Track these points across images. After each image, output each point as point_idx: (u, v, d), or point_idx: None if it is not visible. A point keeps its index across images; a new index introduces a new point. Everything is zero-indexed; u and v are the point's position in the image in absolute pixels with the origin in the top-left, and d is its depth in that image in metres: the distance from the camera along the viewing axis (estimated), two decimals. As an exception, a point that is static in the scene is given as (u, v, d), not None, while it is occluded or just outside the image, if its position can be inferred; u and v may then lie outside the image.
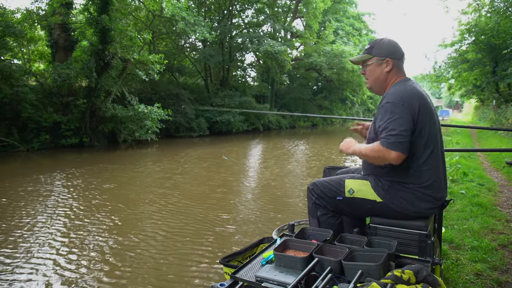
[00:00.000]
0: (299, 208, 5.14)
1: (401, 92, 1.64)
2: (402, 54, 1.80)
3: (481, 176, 5.85)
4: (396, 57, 1.77)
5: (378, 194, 1.71)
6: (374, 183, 1.74)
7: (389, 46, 1.77)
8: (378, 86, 1.82)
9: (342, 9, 33.05)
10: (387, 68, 1.76)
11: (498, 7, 14.30)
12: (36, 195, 6.00)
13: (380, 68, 1.77)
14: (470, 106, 33.74)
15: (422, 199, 1.65)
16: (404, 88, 1.67)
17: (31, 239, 4.00)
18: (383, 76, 1.78)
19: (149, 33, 14.68)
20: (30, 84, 12.90)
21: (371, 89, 1.86)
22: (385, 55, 1.76)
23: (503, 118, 14.25)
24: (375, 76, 1.79)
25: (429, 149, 1.65)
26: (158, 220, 4.76)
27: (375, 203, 1.72)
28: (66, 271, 3.26)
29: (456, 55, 19.48)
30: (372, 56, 1.78)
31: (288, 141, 16.55)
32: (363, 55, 1.81)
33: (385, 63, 1.75)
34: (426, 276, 1.21)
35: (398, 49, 1.78)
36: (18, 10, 13.48)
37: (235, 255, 1.89)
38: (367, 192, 1.74)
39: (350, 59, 1.90)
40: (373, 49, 1.78)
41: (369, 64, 1.79)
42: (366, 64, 1.80)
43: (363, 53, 1.83)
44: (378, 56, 1.77)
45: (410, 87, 1.68)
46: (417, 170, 1.64)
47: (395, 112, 1.58)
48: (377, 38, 1.83)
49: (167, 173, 8.36)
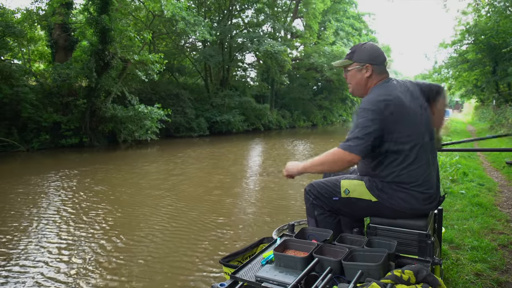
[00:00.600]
0: (299, 208, 5.14)
1: (372, 98, 1.68)
2: (383, 59, 1.80)
3: (481, 176, 5.85)
4: (376, 63, 1.77)
5: (373, 194, 1.73)
6: (368, 183, 1.76)
7: (370, 51, 1.78)
8: (359, 91, 1.84)
9: (342, 9, 33.06)
10: (367, 73, 1.77)
11: (497, 7, 14.31)
12: (35, 195, 6.00)
13: (360, 73, 1.79)
14: (470, 106, 33.72)
15: (416, 197, 1.67)
16: (377, 92, 1.70)
17: (28, 240, 4.00)
18: (364, 81, 1.80)
19: (149, 33, 14.69)
20: (30, 84, 12.91)
21: (353, 93, 1.89)
22: (365, 61, 1.77)
23: (503, 118, 14.24)
24: (356, 81, 1.81)
25: (415, 148, 1.67)
26: (157, 220, 4.75)
27: (370, 202, 1.74)
28: (65, 271, 3.26)
29: (456, 55, 19.47)
30: (352, 62, 1.80)
31: (288, 141, 16.54)
32: (344, 61, 1.83)
33: (365, 69, 1.77)
34: (426, 276, 1.21)
35: (379, 55, 1.79)
36: (18, 10, 13.49)
37: (235, 255, 1.89)
38: (362, 192, 1.76)
39: (333, 63, 1.93)
40: (354, 55, 1.79)
41: (350, 70, 1.81)
42: (347, 70, 1.83)
43: (344, 58, 1.84)
44: (358, 62, 1.78)
45: (384, 90, 1.70)
46: (407, 169, 1.67)
47: (360, 117, 1.63)
48: (359, 43, 1.84)
49: (166, 173, 8.36)
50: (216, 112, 19.87)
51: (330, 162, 1.68)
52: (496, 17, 14.01)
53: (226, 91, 21.44)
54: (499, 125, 14.16)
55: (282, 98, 28.07)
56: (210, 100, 20.69)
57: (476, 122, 22.23)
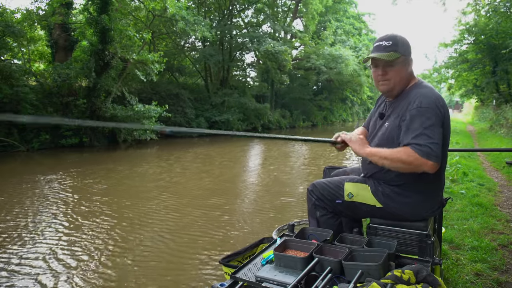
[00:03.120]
0: (299, 208, 5.14)
1: (432, 97, 1.53)
2: None
3: (481, 176, 5.85)
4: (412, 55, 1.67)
5: (378, 200, 1.68)
6: (374, 187, 1.70)
7: (408, 43, 1.65)
8: (401, 88, 1.66)
9: (342, 9, 33.08)
10: (409, 68, 1.65)
11: (497, 7, 14.30)
12: (35, 195, 6.00)
13: (405, 67, 1.63)
14: (470, 106, 33.72)
15: (424, 204, 1.63)
16: (433, 93, 1.56)
17: (28, 239, 4.00)
18: (408, 76, 1.65)
19: (149, 33, 14.69)
20: (30, 84, 12.90)
21: (390, 92, 1.68)
22: (410, 54, 1.64)
23: (502, 118, 14.23)
24: (402, 76, 1.63)
25: (444, 161, 1.61)
26: (157, 220, 4.75)
27: (374, 207, 1.70)
28: (64, 271, 3.26)
29: (456, 55, 19.48)
30: (399, 55, 1.59)
31: (288, 141, 16.53)
32: (390, 53, 1.59)
33: (410, 62, 1.65)
34: (426, 276, 1.21)
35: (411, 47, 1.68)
36: (18, 10, 13.49)
37: (235, 255, 1.89)
38: (367, 197, 1.71)
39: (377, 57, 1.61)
40: (398, 47, 1.59)
41: (395, 64, 1.61)
42: (391, 64, 1.61)
43: (384, 50, 1.60)
44: (404, 55, 1.61)
45: (436, 92, 1.59)
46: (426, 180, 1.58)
47: (431, 119, 1.47)
48: (391, 34, 1.64)
49: (165, 173, 8.35)
50: (216, 112, 19.88)
51: (400, 164, 1.48)
52: (497, 18, 14.00)
53: (226, 91, 21.45)
54: (499, 125, 14.15)
55: (282, 98, 28.07)
56: (210, 100, 20.70)
57: (476, 122, 22.23)
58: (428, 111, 1.48)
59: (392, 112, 1.67)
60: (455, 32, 18.47)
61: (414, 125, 1.48)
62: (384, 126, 1.69)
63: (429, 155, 1.41)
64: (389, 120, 1.66)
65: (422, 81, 1.68)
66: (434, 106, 1.50)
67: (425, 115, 1.48)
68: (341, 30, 31.09)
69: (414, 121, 1.49)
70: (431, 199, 1.65)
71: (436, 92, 1.58)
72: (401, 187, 1.63)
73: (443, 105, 1.54)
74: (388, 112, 1.70)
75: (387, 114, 1.71)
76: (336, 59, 24.08)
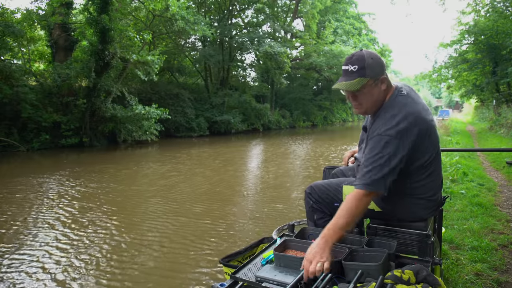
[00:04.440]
0: (299, 208, 5.14)
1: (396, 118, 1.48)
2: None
3: (481, 176, 5.84)
4: (385, 71, 1.58)
5: (377, 204, 1.67)
6: None
7: (378, 62, 1.54)
8: (375, 108, 1.60)
9: (342, 9, 33.10)
10: (383, 86, 1.56)
11: (497, 7, 14.30)
12: (35, 195, 6.00)
13: (377, 88, 1.54)
14: (470, 106, 33.74)
15: (422, 206, 1.63)
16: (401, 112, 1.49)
17: (27, 239, 4.00)
18: (381, 96, 1.57)
19: (149, 33, 14.70)
20: (30, 84, 12.92)
21: (365, 114, 1.65)
22: (380, 73, 1.54)
23: (502, 118, 14.23)
24: (374, 99, 1.56)
25: (435, 163, 1.60)
26: (157, 221, 4.75)
27: (373, 211, 1.70)
28: (65, 270, 3.25)
29: (456, 55, 19.48)
30: (367, 80, 1.51)
31: (288, 141, 16.54)
32: (358, 80, 1.50)
33: (380, 82, 1.54)
34: (426, 276, 1.21)
35: (383, 61, 1.58)
36: (18, 10, 13.50)
37: (235, 255, 1.88)
38: None
39: (342, 88, 1.56)
40: (365, 71, 1.50)
41: (364, 89, 1.53)
42: (359, 90, 1.53)
43: (350, 77, 1.52)
44: (374, 77, 1.52)
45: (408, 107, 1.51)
46: (421, 183, 1.59)
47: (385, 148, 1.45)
48: (358, 55, 1.54)
49: (165, 173, 8.36)
50: (216, 112, 19.89)
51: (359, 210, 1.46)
52: (496, 17, 14.00)
53: (226, 91, 21.46)
54: (499, 125, 14.15)
55: (282, 98, 28.09)
56: (210, 100, 20.72)
57: (476, 122, 22.23)
58: (385, 139, 1.46)
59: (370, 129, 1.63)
60: (455, 32, 18.49)
61: (369, 156, 1.48)
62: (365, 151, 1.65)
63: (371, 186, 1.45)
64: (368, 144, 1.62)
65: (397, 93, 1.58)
66: (395, 132, 1.45)
67: (381, 144, 1.46)
68: (341, 30, 31.11)
69: (371, 150, 1.49)
70: (430, 200, 1.64)
71: (403, 109, 1.50)
72: (399, 190, 1.61)
73: (413, 120, 1.47)
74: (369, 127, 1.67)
75: (368, 129, 1.67)
76: (336, 56, 24.07)
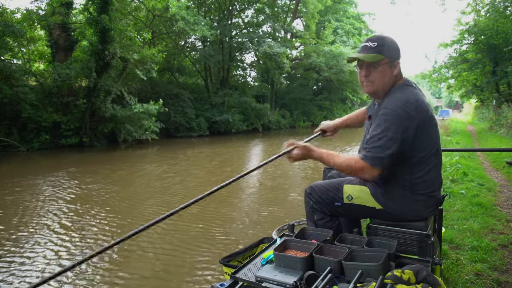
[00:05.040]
0: (299, 208, 5.14)
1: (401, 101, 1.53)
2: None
3: (481, 176, 5.84)
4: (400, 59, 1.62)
5: (378, 201, 1.68)
6: (373, 190, 1.69)
7: (396, 46, 1.61)
8: (383, 91, 1.63)
9: (342, 9, 33.10)
10: (395, 71, 1.60)
11: (497, 7, 14.29)
12: (35, 195, 6.00)
13: (390, 70, 1.59)
14: (470, 106, 33.73)
15: (424, 205, 1.64)
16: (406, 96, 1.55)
17: (27, 239, 4.00)
18: (392, 80, 1.62)
19: (148, 32, 14.70)
20: (30, 84, 12.91)
21: (374, 94, 1.67)
22: (396, 57, 1.60)
23: (503, 118, 14.22)
24: (385, 80, 1.60)
25: (436, 159, 1.61)
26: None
27: (374, 210, 1.70)
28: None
29: (456, 55, 19.47)
30: (383, 57, 1.56)
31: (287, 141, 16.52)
32: (375, 55, 1.56)
33: (394, 66, 1.59)
34: (426, 276, 1.21)
35: (400, 49, 1.64)
36: (18, 10, 13.49)
37: (235, 255, 1.88)
38: (366, 199, 1.70)
39: (359, 57, 1.60)
40: (383, 48, 1.56)
41: (379, 66, 1.57)
42: (374, 66, 1.58)
43: (368, 51, 1.58)
44: (389, 58, 1.57)
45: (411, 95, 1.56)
46: (422, 179, 1.60)
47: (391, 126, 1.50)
48: (379, 35, 1.63)
49: (165, 173, 8.36)
50: (216, 112, 19.89)
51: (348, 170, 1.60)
52: (496, 16, 13.99)
53: (226, 91, 21.46)
54: (499, 125, 14.14)
55: (282, 98, 28.09)
56: (210, 100, 20.72)
57: (476, 122, 22.23)
58: (391, 117, 1.51)
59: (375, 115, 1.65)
60: (455, 32, 18.48)
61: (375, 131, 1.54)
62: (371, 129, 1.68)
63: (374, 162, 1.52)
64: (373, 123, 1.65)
65: (407, 83, 1.64)
66: (400, 111, 1.50)
67: (387, 121, 1.52)
68: (341, 30, 31.11)
69: (376, 127, 1.55)
70: (430, 196, 1.65)
71: (411, 95, 1.56)
72: (399, 188, 1.63)
73: (415, 108, 1.51)
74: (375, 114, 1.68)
75: (373, 116, 1.69)
76: (336, 57, 24.09)
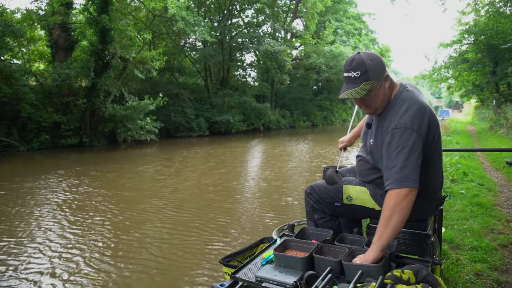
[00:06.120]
0: (299, 208, 5.14)
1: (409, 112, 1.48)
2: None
3: (481, 176, 5.84)
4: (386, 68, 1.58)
5: (377, 203, 1.68)
6: (373, 191, 1.69)
7: (378, 61, 1.52)
8: (383, 106, 1.59)
9: (342, 9, 33.11)
10: (387, 84, 1.56)
11: (497, 6, 14.30)
12: (35, 195, 6.00)
13: (382, 88, 1.54)
14: (470, 106, 33.72)
15: (424, 206, 1.63)
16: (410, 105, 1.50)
17: (27, 239, 4.00)
18: (388, 94, 1.58)
19: (149, 33, 14.70)
20: (30, 84, 12.91)
21: (375, 113, 1.62)
22: (382, 72, 1.53)
23: (502, 118, 14.22)
24: (382, 98, 1.57)
25: (436, 160, 1.59)
26: (156, 220, 4.75)
27: (374, 210, 1.70)
28: (64, 270, 3.25)
29: (456, 55, 19.48)
30: (372, 82, 1.51)
31: (288, 141, 16.54)
32: (363, 85, 1.50)
33: (383, 80, 1.54)
34: (426, 276, 1.21)
35: (382, 60, 1.57)
36: (18, 10, 13.49)
37: (235, 255, 1.88)
38: (366, 200, 1.71)
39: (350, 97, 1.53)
40: (368, 75, 1.50)
41: (371, 92, 1.53)
42: (367, 94, 1.52)
43: (354, 83, 1.51)
44: (377, 78, 1.52)
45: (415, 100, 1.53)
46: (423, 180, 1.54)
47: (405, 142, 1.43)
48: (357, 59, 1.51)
49: (165, 173, 8.36)
50: (216, 112, 19.88)
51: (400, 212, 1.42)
52: (496, 17, 14.00)
53: (226, 91, 21.46)
54: (499, 125, 14.15)
55: (282, 98, 28.09)
56: (210, 100, 20.72)
57: (476, 122, 22.22)
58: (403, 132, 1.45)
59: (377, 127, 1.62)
60: (455, 32, 18.49)
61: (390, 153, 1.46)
62: (370, 142, 1.66)
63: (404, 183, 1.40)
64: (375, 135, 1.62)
65: (402, 89, 1.60)
66: (410, 123, 1.45)
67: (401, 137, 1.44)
68: (341, 31, 31.13)
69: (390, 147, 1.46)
70: (430, 199, 1.65)
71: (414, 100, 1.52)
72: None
73: (423, 114, 1.48)
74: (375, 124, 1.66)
75: (373, 126, 1.67)
76: (336, 57, 24.11)
